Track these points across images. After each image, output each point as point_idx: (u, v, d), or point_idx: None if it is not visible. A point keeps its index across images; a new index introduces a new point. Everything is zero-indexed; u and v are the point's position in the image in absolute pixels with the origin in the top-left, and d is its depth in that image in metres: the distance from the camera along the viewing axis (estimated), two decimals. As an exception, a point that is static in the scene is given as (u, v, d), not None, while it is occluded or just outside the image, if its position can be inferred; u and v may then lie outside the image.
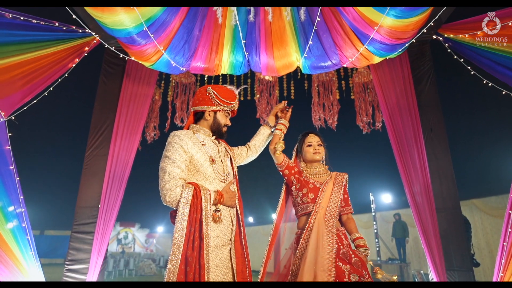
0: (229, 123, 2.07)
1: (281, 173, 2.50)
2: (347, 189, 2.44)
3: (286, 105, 2.52)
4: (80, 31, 4.09)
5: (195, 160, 1.82)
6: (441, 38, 4.34)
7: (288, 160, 2.52)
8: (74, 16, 3.72)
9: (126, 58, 4.50)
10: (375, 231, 9.58)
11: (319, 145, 2.46)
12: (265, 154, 2.67)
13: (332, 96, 4.98)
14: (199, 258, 1.62)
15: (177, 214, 1.67)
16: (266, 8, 3.09)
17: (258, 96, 4.99)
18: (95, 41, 4.28)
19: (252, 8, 3.21)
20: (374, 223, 9.66)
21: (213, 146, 1.98)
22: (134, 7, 2.79)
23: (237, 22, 3.22)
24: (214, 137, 2.04)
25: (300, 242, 2.23)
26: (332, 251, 2.13)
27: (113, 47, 4.37)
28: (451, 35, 4.18)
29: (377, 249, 9.28)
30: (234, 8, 3.12)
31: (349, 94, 5.09)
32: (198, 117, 2.04)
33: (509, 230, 3.10)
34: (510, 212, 3.15)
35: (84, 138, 4.65)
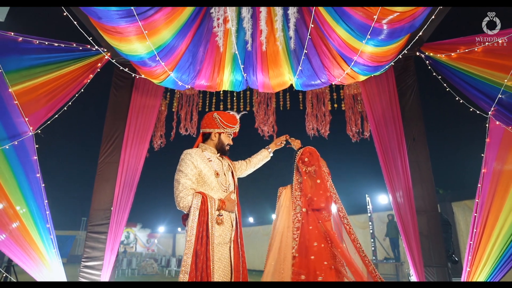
0: (231, 142, 2.52)
1: None
2: None
3: (286, 138, 2.96)
4: (94, 49, 4.51)
5: (203, 174, 2.26)
6: (423, 56, 4.74)
7: None
8: (84, 33, 4.12)
9: (137, 77, 4.91)
10: (371, 231, 9.96)
11: None
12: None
13: (325, 107, 5.39)
14: (206, 252, 2.07)
15: (189, 217, 2.12)
16: (261, 38, 3.54)
17: (256, 107, 5.41)
18: (106, 57, 4.71)
19: (250, 39, 3.67)
20: (370, 223, 10.02)
21: (218, 162, 2.42)
22: (147, 40, 3.23)
23: (236, 51, 3.69)
24: (218, 154, 2.47)
25: None
26: None
27: (127, 68, 4.76)
28: (431, 54, 4.58)
29: (373, 249, 9.58)
30: (234, 39, 3.58)
31: (340, 105, 5.49)
32: (206, 137, 2.49)
33: (475, 230, 3.52)
34: (475, 214, 3.58)
35: (96, 147, 5.08)
